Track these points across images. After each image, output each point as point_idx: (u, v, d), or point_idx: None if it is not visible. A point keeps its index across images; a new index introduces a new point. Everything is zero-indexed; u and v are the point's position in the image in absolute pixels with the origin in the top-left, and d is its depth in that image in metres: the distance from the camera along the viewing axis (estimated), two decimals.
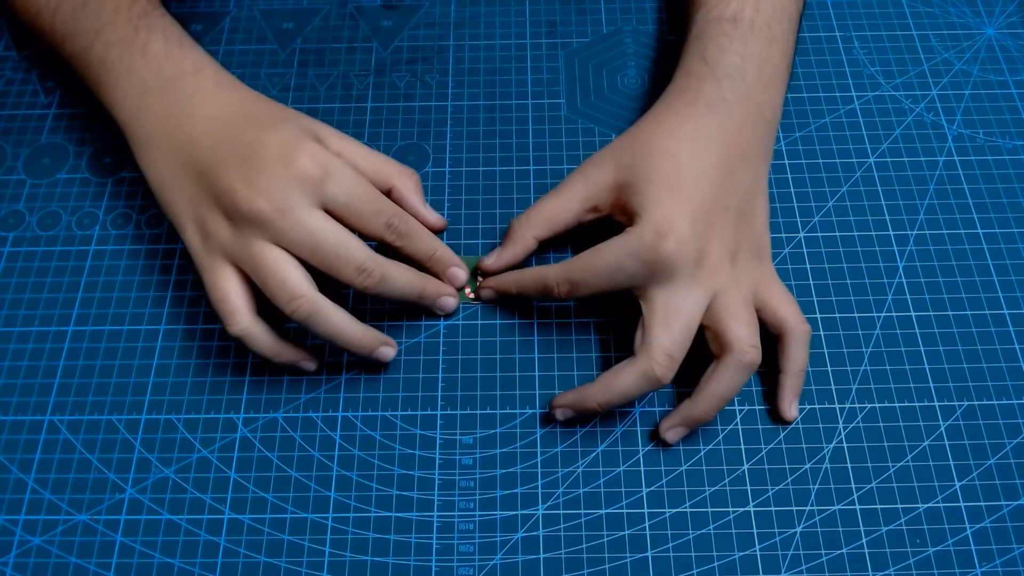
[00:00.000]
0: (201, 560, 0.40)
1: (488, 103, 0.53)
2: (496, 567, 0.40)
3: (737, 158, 0.42)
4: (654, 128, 0.43)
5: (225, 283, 0.40)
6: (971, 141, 0.51)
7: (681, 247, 0.39)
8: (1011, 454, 0.42)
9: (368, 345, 0.41)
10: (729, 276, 0.41)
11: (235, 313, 0.40)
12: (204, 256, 0.41)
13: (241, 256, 0.39)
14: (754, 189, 0.43)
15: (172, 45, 0.45)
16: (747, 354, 0.40)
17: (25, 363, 0.45)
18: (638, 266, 0.40)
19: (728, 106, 0.43)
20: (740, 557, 0.40)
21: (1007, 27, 0.56)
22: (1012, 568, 0.39)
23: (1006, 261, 0.47)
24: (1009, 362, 0.44)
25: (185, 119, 0.42)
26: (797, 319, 0.42)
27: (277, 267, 0.39)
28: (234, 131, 0.41)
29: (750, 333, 0.40)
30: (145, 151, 0.43)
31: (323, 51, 0.56)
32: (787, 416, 0.42)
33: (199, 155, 0.41)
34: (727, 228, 0.41)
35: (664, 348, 0.39)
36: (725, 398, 0.40)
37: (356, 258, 0.40)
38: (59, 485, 0.42)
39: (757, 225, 0.43)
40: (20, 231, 0.49)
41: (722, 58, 0.44)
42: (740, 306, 0.41)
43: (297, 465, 0.42)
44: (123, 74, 0.44)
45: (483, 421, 0.43)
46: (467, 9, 0.58)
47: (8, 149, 0.52)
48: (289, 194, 0.39)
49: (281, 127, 0.41)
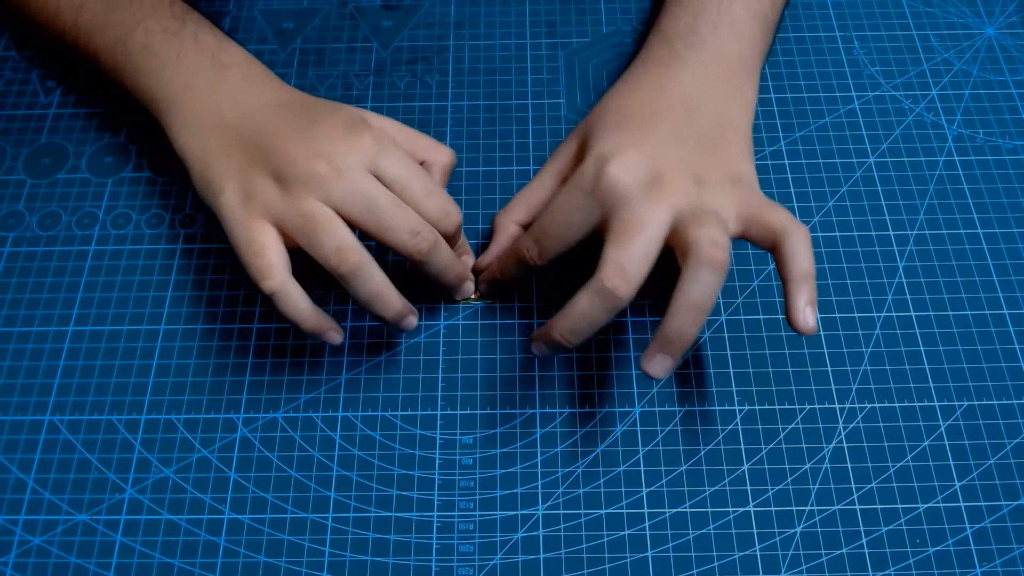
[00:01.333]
0: (201, 560, 0.40)
1: (488, 103, 0.53)
2: (496, 567, 0.40)
3: (695, 100, 0.43)
4: (609, 95, 0.45)
5: (264, 238, 0.39)
6: (971, 141, 0.51)
7: (627, 169, 0.38)
8: (1011, 454, 0.42)
9: (400, 311, 0.41)
10: (694, 194, 0.39)
11: (272, 267, 0.39)
12: (243, 214, 0.40)
13: (287, 212, 0.39)
14: (722, 125, 0.42)
15: (222, 39, 0.46)
16: (705, 250, 0.36)
17: (25, 363, 0.45)
18: (586, 200, 0.39)
19: (680, 60, 0.44)
20: (740, 557, 0.40)
21: (1007, 27, 0.56)
22: (1012, 568, 0.39)
23: (1006, 261, 0.47)
24: (1009, 362, 0.44)
25: (241, 99, 0.43)
26: (791, 222, 0.38)
27: (327, 219, 0.39)
28: (292, 109, 0.42)
29: (711, 232, 0.37)
30: (190, 128, 0.43)
31: (323, 51, 0.56)
32: (803, 325, 0.37)
33: (254, 125, 0.41)
34: (686, 152, 0.40)
35: (614, 260, 0.37)
36: (698, 305, 0.36)
37: (411, 220, 0.40)
38: (59, 485, 0.42)
39: (731, 154, 0.41)
40: (20, 231, 0.49)
41: (673, 23, 0.46)
42: (704, 216, 0.38)
43: (297, 465, 0.42)
44: (172, 56, 0.45)
45: (483, 421, 0.43)
46: (467, 9, 0.58)
47: (8, 149, 0.52)
48: (348, 157, 0.39)
49: (342, 110, 0.42)
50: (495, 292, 0.46)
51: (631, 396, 0.44)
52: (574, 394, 0.44)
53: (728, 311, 0.46)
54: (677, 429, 0.43)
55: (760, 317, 0.46)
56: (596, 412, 0.43)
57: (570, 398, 0.44)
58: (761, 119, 0.52)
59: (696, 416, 0.43)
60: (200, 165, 0.42)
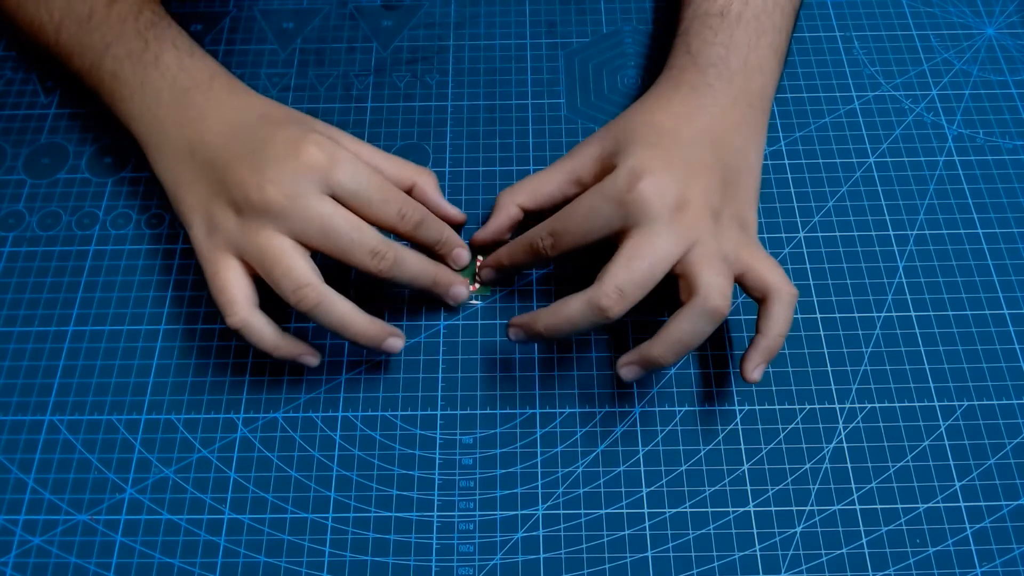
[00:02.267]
0: (201, 560, 0.40)
1: (488, 103, 0.53)
2: (496, 567, 0.40)
3: (721, 134, 0.43)
4: (637, 109, 0.45)
5: (227, 273, 0.40)
6: (971, 141, 0.51)
7: (657, 189, 0.39)
8: (1011, 454, 0.42)
9: (375, 336, 0.41)
10: (710, 229, 0.39)
11: (234, 303, 0.39)
12: (208, 248, 0.40)
13: (247, 246, 0.39)
14: (740, 165, 0.43)
15: (184, 55, 0.45)
16: (712, 299, 0.38)
17: (25, 363, 0.45)
18: (613, 208, 0.39)
19: (711, 90, 0.44)
20: (740, 557, 0.40)
21: (1007, 27, 0.56)
22: (1012, 568, 0.39)
23: (1006, 261, 0.47)
24: (1009, 362, 0.44)
25: (201, 123, 0.43)
26: (783, 282, 0.40)
27: (284, 255, 0.39)
28: (248, 130, 0.41)
29: (721, 282, 0.38)
30: (162, 156, 0.44)
31: (323, 51, 0.56)
32: (747, 376, 0.40)
33: (213, 154, 0.41)
34: (711, 184, 0.40)
35: (617, 281, 0.38)
36: (685, 343, 0.38)
37: (369, 241, 0.40)
38: (59, 485, 0.42)
39: (743, 198, 0.42)
40: (20, 231, 0.49)
41: (705, 49, 0.45)
42: (715, 258, 0.39)
43: (297, 465, 0.42)
44: (137, 87, 0.45)
45: (483, 421, 0.43)
46: (467, 9, 0.58)
47: (8, 149, 0.52)
48: (298, 182, 0.39)
49: (291, 125, 0.41)
50: (496, 279, 0.46)
51: (631, 396, 0.44)
52: (574, 394, 0.44)
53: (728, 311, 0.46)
54: (677, 429, 0.43)
55: None
56: (596, 412, 0.43)
57: (570, 398, 0.44)
58: None
59: (696, 416, 0.43)
60: (173, 193, 0.43)
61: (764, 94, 0.45)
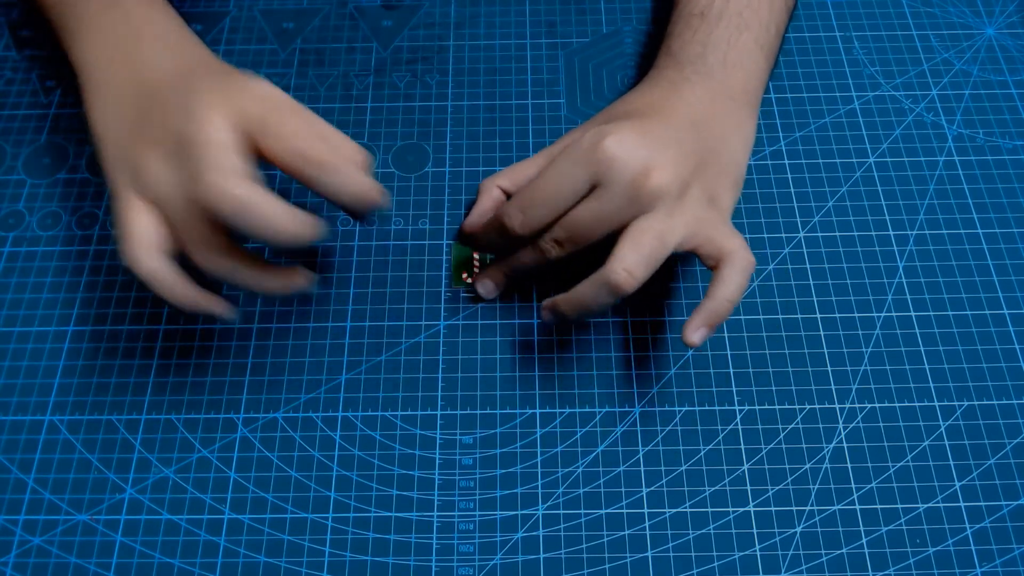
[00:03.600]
0: (201, 560, 0.40)
1: (488, 103, 0.53)
2: (496, 567, 0.40)
3: (701, 119, 0.43)
4: (618, 101, 0.46)
5: (135, 215, 0.37)
6: (971, 141, 0.51)
7: (623, 147, 0.38)
8: (1011, 454, 0.42)
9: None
10: (668, 205, 0.39)
11: (139, 246, 0.37)
12: (122, 192, 0.38)
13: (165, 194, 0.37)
14: (719, 148, 0.43)
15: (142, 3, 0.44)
16: (614, 272, 0.38)
17: (25, 363, 0.45)
18: (579, 167, 0.39)
19: (690, 84, 0.45)
20: (740, 557, 0.40)
21: (1007, 27, 0.56)
22: (1012, 568, 0.39)
23: (1006, 261, 0.47)
24: (1009, 362, 0.44)
25: (148, 71, 0.41)
26: (741, 249, 0.39)
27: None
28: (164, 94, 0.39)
29: (634, 259, 0.38)
30: (101, 98, 0.41)
31: (323, 51, 0.56)
32: (686, 338, 0.38)
33: (152, 96, 0.39)
34: (682, 158, 0.40)
35: (557, 232, 0.40)
36: (586, 306, 0.39)
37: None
38: (59, 485, 0.42)
39: (719, 179, 0.42)
40: (20, 231, 0.49)
41: (685, 49, 0.47)
42: (648, 233, 0.38)
43: (297, 465, 0.42)
44: (92, 28, 0.43)
45: (483, 421, 0.43)
46: (467, 9, 0.58)
47: (8, 149, 0.52)
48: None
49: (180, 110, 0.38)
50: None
51: (631, 396, 0.44)
52: (574, 394, 0.44)
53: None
54: (677, 429, 0.43)
55: (760, 317, 0.46)
56: (596, 412, 0.43)
57: (570, 398, 0.44)
58: (761, 119, 0.52)
59: (696, 416, 0.43)
60: (101, 135, 0.41)
61: (747, 88, 0.46)
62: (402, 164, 0.51)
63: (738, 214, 0.49)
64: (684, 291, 0.46)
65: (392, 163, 0.51)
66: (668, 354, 0.45)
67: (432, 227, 0.49)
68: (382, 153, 0.51)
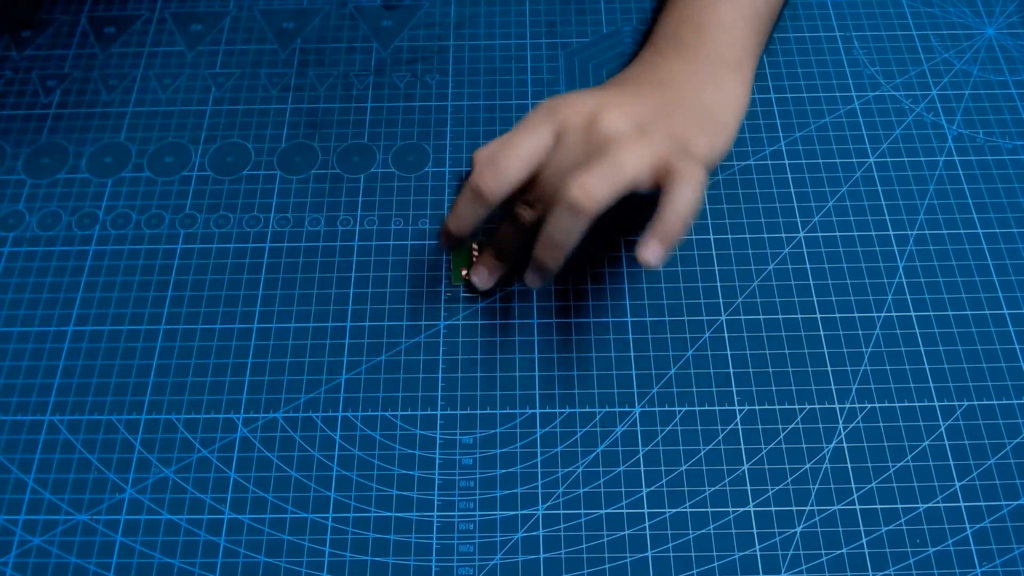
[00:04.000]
0: (201, 560, 0.40)
1: (488, 103, 0.53)
2: (496, 567, 0.40)
3: (666, 80, 0.45)
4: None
5: None
6: (971, 141, 0.51)
7: (579, 97, 0.42)
8: (1011, 454, 0.42)
9: None
10: (624, 140, 0.39)
11: None
12: None
13: None
14: (689, 99, 0.44)
15: None
16: (570, 191, 0.37)
17: (25, 363, 0.45)
18: (541, 123, 0.41)
19: (661, 56, 0.47)
20: (740, 557, 0.40)
21: (1007, 27, 0.56)
22: (1012, 568, 0.39)
23: (1006, 261, 0.47)
24: (1009, 362, 0.44)
25: None
26: (692, 166, 0.38)
27: None
28: None
29: (587, 180, 0.37)
30: None
31: (323, 51, 0.56)
32: (639, 256, 0.37)
33: None
34: (640, 101, 0.42)
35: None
36: (557, 241, 0.39)
37: None
38: (59, 485, 0.42)
39: (688, 125, 0.42)
40: (20, 231, 0.49)
41: (659, 29, 0.49)
42: (602, 162, 0.38)
43: (297, 465, 0.42)
44: None
45: (483, 421, 0.43)
46: (467, 9, 0.58)
47: (8, 149, 0.52)
48: None
49: None
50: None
51: (631, 396, 0.44)
52: (574, 394, 0.44)
53: (728, 311, 0.46)
54: (677, 429, 0.43)
55: (760, 317, 0.46)
56: (596, 412, 0.43)
57: (570, 398, 0.44)
58: (761, 119, 0.52)
59: (696, 416, 0.43)
60: None
61: (727, 53, 0.46)
62: (402, 164, 0.51)
63: (738, 214, 0.49)
64: (684, 291, 0.46)
65: (392, 163, 0.51)
66: (668, 354, 0.45)
67: (432, 227, 0.49)
68: (382, 153, 0.51)
